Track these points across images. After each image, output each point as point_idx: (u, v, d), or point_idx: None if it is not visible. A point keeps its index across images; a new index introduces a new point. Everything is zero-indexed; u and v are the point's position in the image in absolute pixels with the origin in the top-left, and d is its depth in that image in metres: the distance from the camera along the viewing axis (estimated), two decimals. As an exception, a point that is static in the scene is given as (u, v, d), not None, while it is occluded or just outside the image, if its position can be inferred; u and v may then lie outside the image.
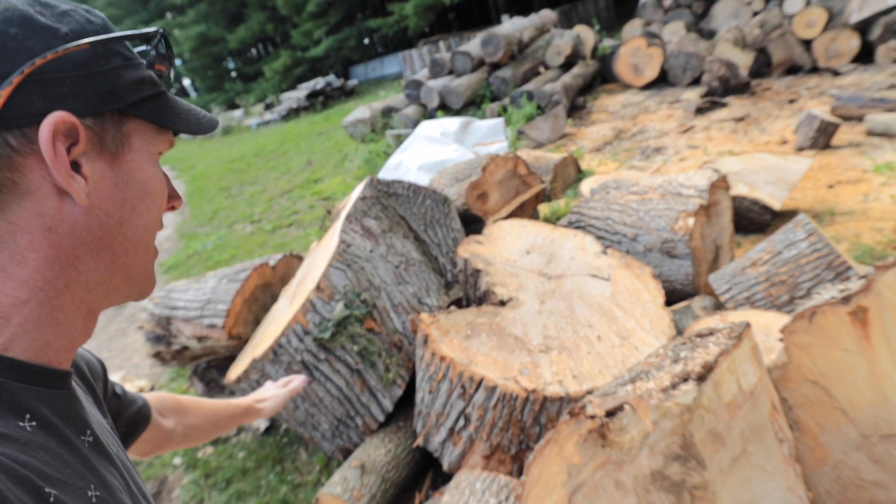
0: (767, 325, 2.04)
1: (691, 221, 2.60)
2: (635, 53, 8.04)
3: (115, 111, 0.50)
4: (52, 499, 0.41)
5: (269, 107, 21.52)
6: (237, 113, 21.89)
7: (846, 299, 1.34)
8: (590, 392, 1.76)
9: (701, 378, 1.12)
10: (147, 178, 0.54)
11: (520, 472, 1.92)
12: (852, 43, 6.21)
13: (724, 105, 6.09)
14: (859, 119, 4.54)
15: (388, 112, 9.47)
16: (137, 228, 0.54)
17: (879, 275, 1.28)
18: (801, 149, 4.43)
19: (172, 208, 0.61)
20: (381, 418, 2.33)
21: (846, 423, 1.39)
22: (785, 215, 3.44)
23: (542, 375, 1.83)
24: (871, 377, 1.33)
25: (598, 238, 2.99)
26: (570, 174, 5.24)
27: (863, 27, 6.25)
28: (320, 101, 18.63)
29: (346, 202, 2.96)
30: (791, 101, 5.67)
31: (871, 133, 4.35)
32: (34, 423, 0.45)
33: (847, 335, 1.34)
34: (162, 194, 0.57)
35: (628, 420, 1.13)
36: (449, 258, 2.89)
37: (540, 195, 3.61)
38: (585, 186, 4.46)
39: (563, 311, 2.15)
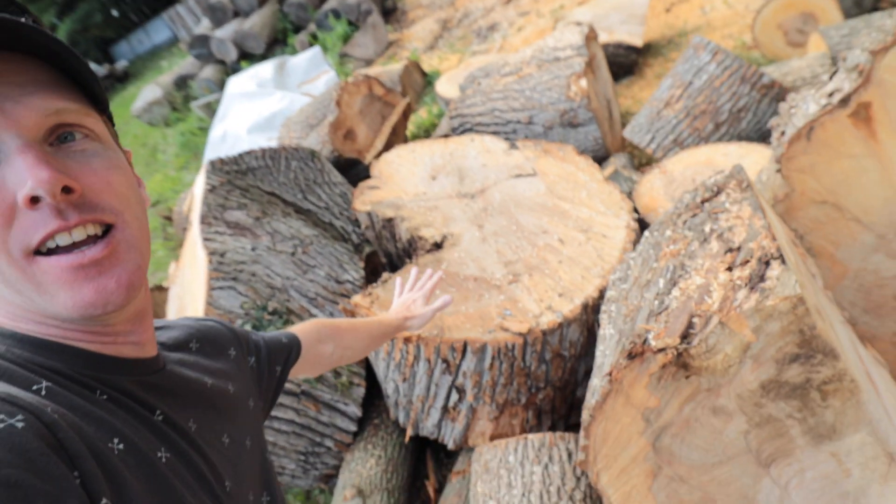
0: (708, 159, 1.92)
1: (584, 83, 2.37)
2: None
3: None
4: (115, 451, 0.46)
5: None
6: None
7: (844, 101, 1.16)
8: (586, 306, 1.52)
9: (780, 257, 0.88)
10: None
11: (536, 417, 1.68)
12: None
13: (532, -37, 5.89)
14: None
15: (182, 82, 8.00)
16: None
17: (878, 60, 1.10)
18: (624, -17, 4.40)
19: (34, 201, 0.44)
20: (354, 428, 1.93)
21: (861, 231, 1.28)
22: (645, 50, 3.38)
23: (526, 309, 1.54)
24: (882, 174, 1.20)
25: (491, 134, 2.68)
26: (418, 81, 4.80)
27: None
28: (91, 95, 15.42)
29: (190, 202, 2.29)
30: (592, -59, 5.61)
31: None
32: (104, 397, 0.50)
33: (851, 139, 1.19)
34: None
35: (716, 338, 0.87)
36: (346, 217, 2.41)
37: (407, 111, 3.17)
38: (441, 87, 4.07)
39: (508, 227, 1.84)
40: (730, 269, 0.99)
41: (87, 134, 0.50)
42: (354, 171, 2.71)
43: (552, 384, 1.61)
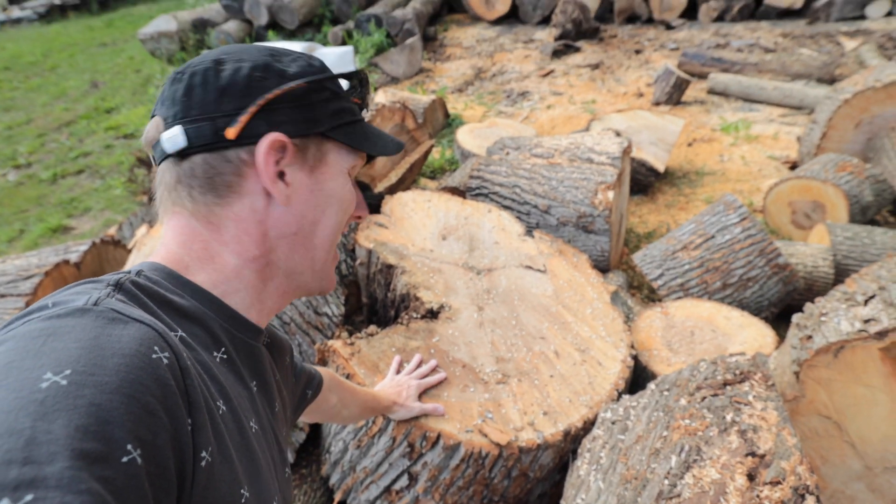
0: (710, 317, 1.95)
1: (611, 195, 2.40)
2: (485, -17, 7.62)
3: (317, 133, 0.62)
4: (219, 412, 0.49)
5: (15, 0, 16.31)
6: (-33, 4, 16.19)
7: (881, 334, 1.19)
8: (567, 433, 1.47)
9: (816, 496, 0.85)
10: (336, 188, 0.65)
11: (476, 527, 1.59)
12: (680, -3, 6.65)
13: (577, 49, 6.11)
14: (701, 76, 4.87)
15: (201, 26, 7.70)
16: (325, 229, 0.65)
17: (925, 310, 1.14)
18: (657, 103, 4.60)
19: (358, 218, 0.72)
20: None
21: (852, 456, 1.30)
22: (662, 176, 3.50)
23: (509, 417, 1.47)
24: (889, 412, 1.23)
25: (505, 208, 2.66)
26: (439, 119, 4.79)
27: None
28: (97, -2, 14.64)
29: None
30: (637, 52, 5.90)
31: (711, 91, 4.70)
32: (224, 357, 0.58)
33: (874, 371, 1.21)
34: (349, 203, 0.68)
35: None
36: (341, 244, 2.29)
37: (427, 153, 3.12)
38: (462, 136, 4.07)
39: (508, 319, 1.79)
40: (751, 476, 0.96)
41: None
42: (363, 195, 2.61)
43: (506, 500, 1.53)
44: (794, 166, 3.65)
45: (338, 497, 1.67)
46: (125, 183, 4.68)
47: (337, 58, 5.82)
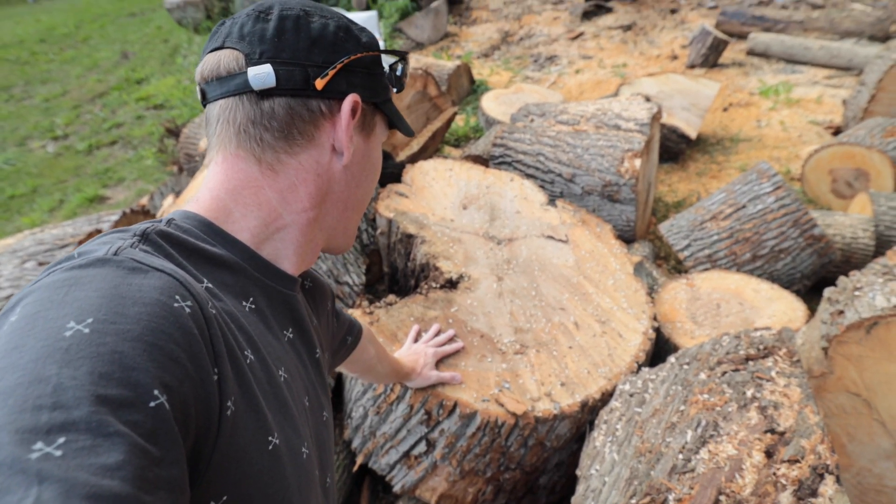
0: (738, 289, 1.89)
1: (638, 163, 2.32)
2: (514, -59, 7.29)
3: (375, 103, 0.65)
4: (246, 361, 0.50)
5: (50, -29, 16.45)
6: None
7: (919, 310, 1.13)
8: (584, 404, 1.46)
9: (836, 476, 0.83)
10: (377, 158, 0.69)
11: (494, 493, 1.62)
12: (720, -50, 6.23)
13: (609, 10, 5.85)
14: (741, 36, 4.61)
15: (226, -7, 7.66)
16: (364, 193, 0.68)
17: (969, 285, 1.07)
18: (692, 66, 4.39)
19: None
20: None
21: (882, 435, 1.26)
22: (694, 143, 3.37)
23: (526, 388, 1.48)
24: (924, 391, 1.18)
25: (528, 176, 2.61)
26: (464, 85, 4.69)
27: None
28: (125, -32, 14.65)
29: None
30: (673, 12, 5.60)
31: (751, 52, 4.44)
32: (253, 307, 0.57)
33: (909, 348, 1.16)
34: (379, 172, 0.70)
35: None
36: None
37: (450, 120, 3.07)
38: (487, 103, 3.98)
39: (527, 289, 1.78)
40: (769, 454, 0.94)
41: None
42: (384, 165, 2.59)
43: (522, 468, 1.55)
44: (837, 131, 3.45)
45: (359, 460, 1.72)
46: (156, 153, 4.77)
47: (361, 22, 5.73)
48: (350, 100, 0.60)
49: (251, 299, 0.57)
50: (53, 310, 0.37)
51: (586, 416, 1.50)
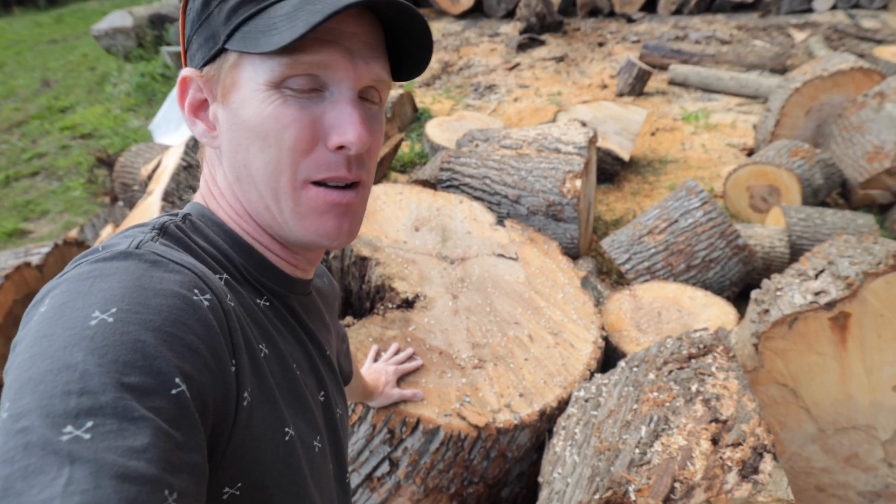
0: (676, 298, 2.03)
1: (579, 183, 2.46)
2: (449, -23, 7.62)
3: (218, 52, 0.51)
4: (262, 354, 0.51)
5: (-42, -5, 15.42)
6: None
7: (830, 305, 1.27)
8: (543, 413, 1.51)
9: (773, 453, 0.92)
10: (253, 116, 0.50)
11: (458, 509, 1.63)
12: (639, -9, 6.80)
13: (542, 42, 6.19)
14: (662, 67, 5.01)
15: (159, 22, 7.47)
16: (259, 171, 0.52)
17: (868, 282, 1.22)
18: (620, 94, 4.71)
19: (340, 148, 0.52)
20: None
21: (807, 421, 1.39)
22: (630, 164, 3.59)
23: (486, 400, 1.51)
24: (839, 378, 1.32)
25: (476, 198, 2.70)
26: (408, 113, 4.79)
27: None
28: (45, -7, 13.96)
29: (153, 169, 2.08)
30: (600, 45, 6.01)
31: (672, 82, 4.83)
32: (267, 304, 0.57)
33: (825, 340, 1.30)
34: (281, 131, 0.50)
35: (700, 514, 0.88)
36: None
37: (397, 147, 3.13)
38: (431, 130, 4.09)
39: (482, 306, 1.83)
40: (714, 441, 1.02)
41: (379, 100, 0.56)
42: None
43: (485, 481, 1.57)
44: (750, 153, 3.80)
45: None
46: (84, 184, 4.53)
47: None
48: (177, 83, 0.55)
49: (265, 297, 0.57)
50: (80, 300, 0.38)
51: (545, 424, 1.55)
